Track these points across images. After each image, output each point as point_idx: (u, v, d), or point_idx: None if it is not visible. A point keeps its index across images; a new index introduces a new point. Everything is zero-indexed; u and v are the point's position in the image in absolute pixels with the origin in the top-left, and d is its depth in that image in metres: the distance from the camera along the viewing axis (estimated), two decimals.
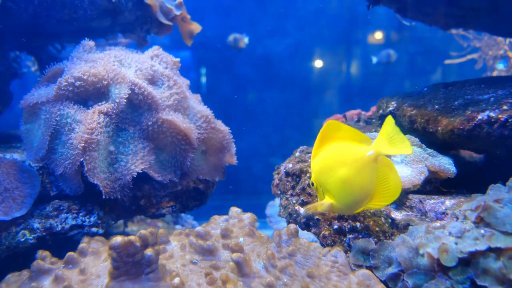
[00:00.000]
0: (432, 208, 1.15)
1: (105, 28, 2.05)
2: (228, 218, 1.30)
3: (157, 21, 2.10)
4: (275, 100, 4.84)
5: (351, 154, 0.98)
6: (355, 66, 4.86)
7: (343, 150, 1.00)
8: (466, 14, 1.88)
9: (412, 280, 0.96)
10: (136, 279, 0.99)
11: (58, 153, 1.35)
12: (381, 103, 1.76)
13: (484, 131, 1.16)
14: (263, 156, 4.61)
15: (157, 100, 1.46)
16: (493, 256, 0.88)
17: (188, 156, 1.52)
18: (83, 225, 1.40)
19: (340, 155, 1.00)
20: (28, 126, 1.45)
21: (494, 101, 1.21)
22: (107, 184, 1.36)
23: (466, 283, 0.90)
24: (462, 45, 3.73)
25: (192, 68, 4.76)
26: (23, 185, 1.34)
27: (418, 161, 1.22)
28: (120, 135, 1.43)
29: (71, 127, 1.34)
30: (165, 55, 1.68)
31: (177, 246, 1.21)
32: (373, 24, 4.76)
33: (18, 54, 2.39)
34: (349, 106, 2.43)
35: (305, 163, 1.48)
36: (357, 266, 1.09)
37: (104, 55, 1.53)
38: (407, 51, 4.78)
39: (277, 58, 4.80)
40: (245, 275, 1.05)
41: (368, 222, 1.18)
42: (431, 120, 1.32)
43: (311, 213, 1.24)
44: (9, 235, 1.30)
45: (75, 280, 1.09)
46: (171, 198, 1.63)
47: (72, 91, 1.39)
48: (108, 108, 1.37)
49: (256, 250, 1.15)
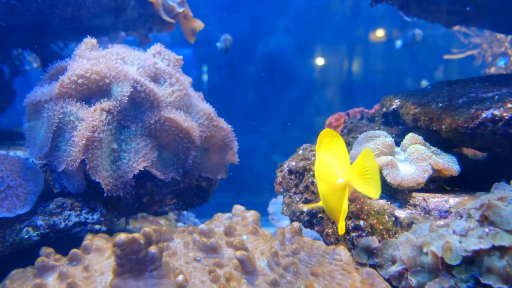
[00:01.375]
0: (436, 206, 1.14)
1: (108, 26, 2.05)
2: (232, 216, 1.30)
3: (160, 19, 2.10)
4: (276, 98, 4.83)
5: (328, 175, 1.03)
6: (356, 64, 4.85)
7: (325, 168, 1.05)
8: (469, 11, 1.88)
9: (416, 279, 0.96)
10: (140, 276, 0.99)
11: (61, 151, 1.35)
12: (384, 101, 1.75)
13: (488, 129, 1.15)
14: (264, 154, 4.62)
15: (159, 97, 1.46)
16: (497, 254, 0.88)
17: (190, 154, 1.52)
18: (86, 222, 1.40)
19: (322, 171, 1.06)
20: (31, 123, 1.45)
21: (498, 99, 1.21)
22: (109, 181, 1.36)
23: (470, 281, 0.90)
24: (463, 42, 3.72)
25: (194, 66, 4.76)
26: (27, 182, 1.34)
27: (422, 159, 1.22)
28: (123, 133, 1.43)
29: (73, 125, 1.34)
30: (167, 53, 1.68)
31: (180, 243, 1.21)
32: (374, 21, 4.74)
33: (20, 51, 2.39)
34: (351, 104, 2.42)
35: (308, 161, 1.48)
36: (360, 264, 1.09)
37: (107, 53, 1.53)
38: (409, 49, 4.77)
39: (279, 56, 4.79)
40: (248, 272, 1.05)
41: (372, 220, 1.17)
42: (435, 118, 1.31)
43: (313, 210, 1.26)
44: (13, 232, 1.30)
45: (79, 277, 1.09)
46: (173, 196, 1.63)
47: (75, 89, 1.39)
48: (110, 106, 1.37)
49: (260, 248, 1.15)
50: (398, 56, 4.81)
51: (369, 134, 1.39)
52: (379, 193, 0.92)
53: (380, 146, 1.28)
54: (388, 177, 1.19)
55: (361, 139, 1.39)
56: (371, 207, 1.20)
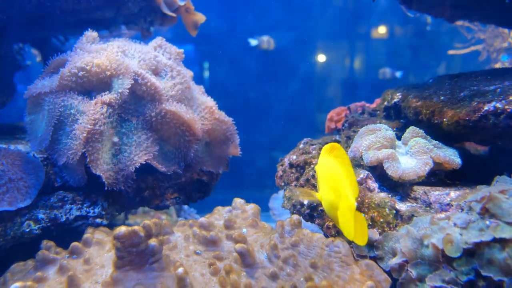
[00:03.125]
0: (436, 199, 1.14)
1: (109, 20, 2.04)
2: (232, 209, 1.30)
3: (161, 12, 2.09)
4: (278, 93, 4.82)
5: (341, 187, 1.02)
6: (358, 60, 4.83)
7: (336, 178, 1.04)
8: (472, 4, 1.86)
9: (416, 271, 0.96)
10: (140, 269, 0.99)
11: (62, 144, 1.35)
12: (386, 95, 1.75)
13: (490, 122, 1.15)
14: (266, 149, 4.61)
15: (160, 90, 1.45)
16: (498, 247, 0.88)
17: (192, 147, 1.52)
18: (87, 216, 1.41)
19: (330, 180, 1.06)
20: (32, 117, 1.45)
21: (500, 92, 1.20)
22: (110, 175, 1.36)
23: (471, 273, 0.90)
24: (467, 37, 3.70)
25: (195, 62, 4.74)
26: (28, 176, 1.34)
27: (423, 152, 1.21)
28: (124, 126, 1.42)
29: (74, 118, 1.34)
30: (168, 46, 1.67)
31: (180, 236, 1.21)
32: (376, 17, 4.72)
33: (21, 46, 2.38)
34: (352, 99, 2.41)
35: (309, 155, 1.47)
36: (361, 256, 1.09)
37: (108, 46, 1.52)
38: (411, 45, 4.74)
39: (280, 52, 4.77)
40: (248, 265, 1.05)
41: (373, 213, 1.17)
42: (436, 112, 1.31)
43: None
44: (14, 226, 1.30)
45: (80, 269, 1.09)
46: (175, 190, 1.63)
47: (76, 82, 1.38)
48: (111, 99, 1.36)
49: (260, 241, 1.15)
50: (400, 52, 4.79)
51: (370, 127, 1.38)
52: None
53: (381, 139, 1.28)
54: (389, 170, 1.18)
55: (362, 132, 1.39)
56: (372, 200, 1.20)
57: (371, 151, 1.26)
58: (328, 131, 2.21)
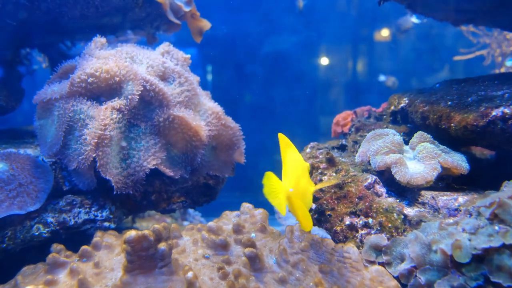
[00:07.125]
0: (445, 204, 1.14)
1: (116, 25, 2.06)
2: (240, 213, 1.31)
3: (167, 18, 2.10)
4: (282, 97, 4.82)
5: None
6: (362, 64, 4.83)
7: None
8: (477, 9, 1.87)
9: (425, 277, 0.96)
10: (149, 272, 1.00)
11: (71, 149, 1.36)
12: (392, 99, 1.75)
13: (498, 127, 1.15)
14: (270, 153, 4.61)
15: (168, 96, 1.46)
16: (507, 253, 0.88)
17: (199, 152, 1.53)
18: (95, 219, 1.42)
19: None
20: (41, 121, 1.46)
21: (508, 97, 1.20)
22: (119, 179, 1.37)
23: (480, 279, 0.90)
24: (472, 42, 3.69)
25: (199, 66, 4.76)
26: (37, 180, 1.35)
27: (431, 158, 1.22)
28: (132, 131, 1.44)
29: (84, 123, 1.35)
30: (175, 52, 1.69)
31: (189, 240, 1.22)
32: (380, 21, 4.73)
33: (29, 51, 2.41)
34: (357, 103, 2.41)
35: (316, 159, 1.48)
36: (369, 262, 1.09)
37: (116, 52, 1.54)
38: (415, 49, 4.74)
39: (284, 55, 4.78)
40: (257, 270, 1.06)
41: (381, 218, 1.18)
42: (443, 117, 1.31)
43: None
44: (24, 229, 1.32)
45: (90, 273, 1.10)
46: (181, 194, 1.64)
47: (85, 88, 1.40)
48: (120, 105, 1.38)
49: (268, 246, 1.15)
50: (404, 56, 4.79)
51: (378, 132, 1.39)
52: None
53: (389, 144, 1.28)
54: (397, 175, 1.19)
55: (369, 137, 1.39)
56: (380, 205, 1.20)
57: (379, 156, 1.26)
58: (334, 135, 2.21)
